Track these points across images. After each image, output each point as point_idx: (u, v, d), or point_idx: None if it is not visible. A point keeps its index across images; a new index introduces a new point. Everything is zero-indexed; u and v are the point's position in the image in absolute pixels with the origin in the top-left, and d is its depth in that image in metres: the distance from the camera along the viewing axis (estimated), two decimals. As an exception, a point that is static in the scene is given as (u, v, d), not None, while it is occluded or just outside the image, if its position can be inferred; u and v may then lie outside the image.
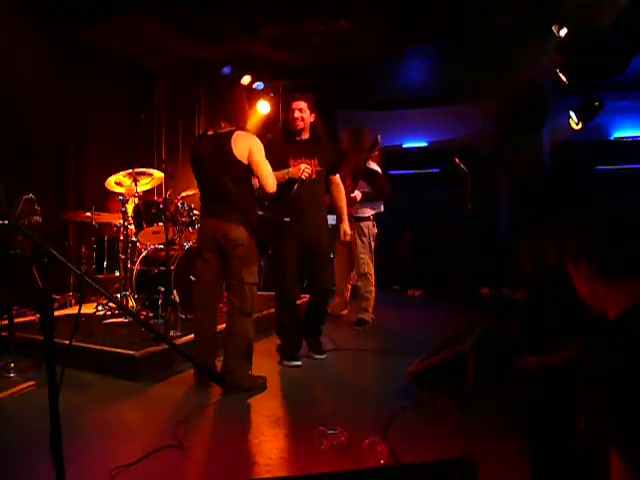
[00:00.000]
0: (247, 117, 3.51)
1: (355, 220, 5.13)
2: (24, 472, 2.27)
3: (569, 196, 6.27)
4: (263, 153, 3.31)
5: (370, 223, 5.32)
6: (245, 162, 3.25)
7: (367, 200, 5.23)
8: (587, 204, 5.99)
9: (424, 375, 3.12)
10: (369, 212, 5.32)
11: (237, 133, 3.26)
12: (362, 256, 5.25)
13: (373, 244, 5.35)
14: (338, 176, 4.20)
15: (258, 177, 3.33)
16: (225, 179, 3.25)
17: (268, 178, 3.31)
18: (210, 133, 3.38)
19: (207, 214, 3.44)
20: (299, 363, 3.85)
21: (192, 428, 2.68)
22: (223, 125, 3.33)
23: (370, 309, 5.25)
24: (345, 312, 5.60)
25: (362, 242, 5.25)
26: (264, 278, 5.65)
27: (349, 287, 5.65)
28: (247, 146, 3.25)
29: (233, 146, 3.22)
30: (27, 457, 2.37)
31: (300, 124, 3.85)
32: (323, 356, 4.07)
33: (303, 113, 3.84)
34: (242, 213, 3.29)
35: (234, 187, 3.26)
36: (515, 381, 2.47)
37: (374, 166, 5.31)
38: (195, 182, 3.55)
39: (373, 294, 5.27)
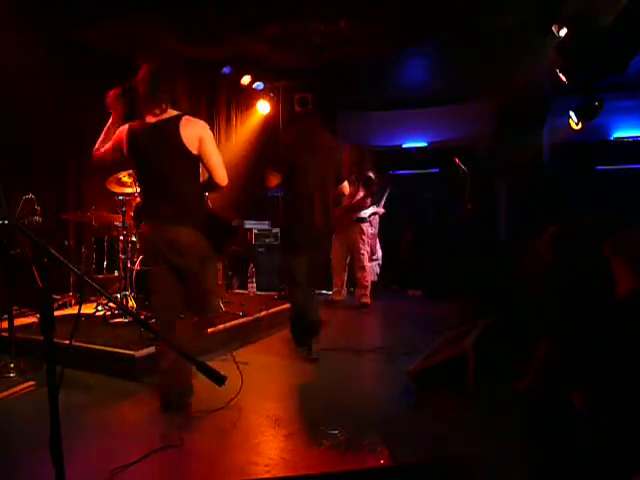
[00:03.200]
0: (181, 99, 2.99)
1: (357, 221, 6.18)
2: (24, 472, 2.27)
3: (569, 196, 6.26)
4: (214, 142, 2.90)
5: (368, 224, 6.28)
6: (194, 152, 2.81)
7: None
8: (587, 204, 5.99)
9: (424, 375, 3.13)
10: (367, 213, 6.25)
11: (186, 118, 2.81)
12: (362, 252, 6.20)
13: (370, 241, 6.32)
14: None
15: (209, 169, 2.89)
16: (173, 174, 2.81)
17: (220, 170, 2.89)
18: (151, 120, 2.84)
19: (152, 217, 2.92)
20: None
21: (192, 428, 2.68)
22: (164, 107, 2.83)
23: (368, 294, 6.21)
24: (341, 298, 6.38)
25: (362, 240, 6.20)
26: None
27: (344, 277, 6.45)
28: (197, 134, 2.81)
29: (182, 134, 2.77)
30: (27, 457, 2.36)
31: None
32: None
33: None
34: (192, 213, 2.88)
35: (184, 183, 2.84)
36: (515, 380, 2.47)
37: (371, 174, 6.14)
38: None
39: (369, 282, 6.26)
